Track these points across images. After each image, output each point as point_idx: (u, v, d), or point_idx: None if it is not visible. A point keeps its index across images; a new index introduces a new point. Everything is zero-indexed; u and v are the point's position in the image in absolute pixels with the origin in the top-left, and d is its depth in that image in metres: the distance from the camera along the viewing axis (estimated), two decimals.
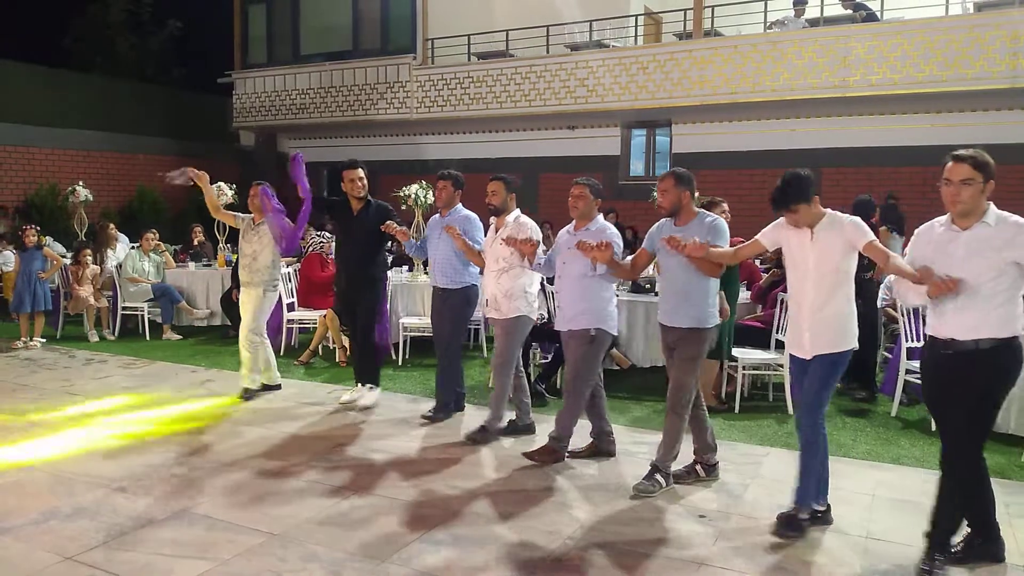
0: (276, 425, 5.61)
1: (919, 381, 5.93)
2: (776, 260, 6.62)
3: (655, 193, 7.93)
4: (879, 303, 6.78)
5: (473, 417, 5.67)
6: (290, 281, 8.34)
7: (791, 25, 11.57)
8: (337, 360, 7.76)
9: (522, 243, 4.84)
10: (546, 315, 6.71)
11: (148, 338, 9.11)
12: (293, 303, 8.27)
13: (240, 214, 6.57)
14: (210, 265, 9.96)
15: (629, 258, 4.72)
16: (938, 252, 3.28)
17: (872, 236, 3.61)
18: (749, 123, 12.44)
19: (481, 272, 5.56)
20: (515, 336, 5.24)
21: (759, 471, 4.68)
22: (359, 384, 6.15)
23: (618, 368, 6.77)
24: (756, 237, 3.99)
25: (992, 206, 3.24)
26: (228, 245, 10.21)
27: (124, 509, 4.01)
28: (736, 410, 5.99)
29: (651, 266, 7.36)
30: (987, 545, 3.44)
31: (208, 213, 6.77)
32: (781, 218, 3.80)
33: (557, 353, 6.35)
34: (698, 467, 4.51)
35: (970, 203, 3.18)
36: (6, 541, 3.64)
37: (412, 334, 7.88)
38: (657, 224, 4.48)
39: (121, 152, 15.39)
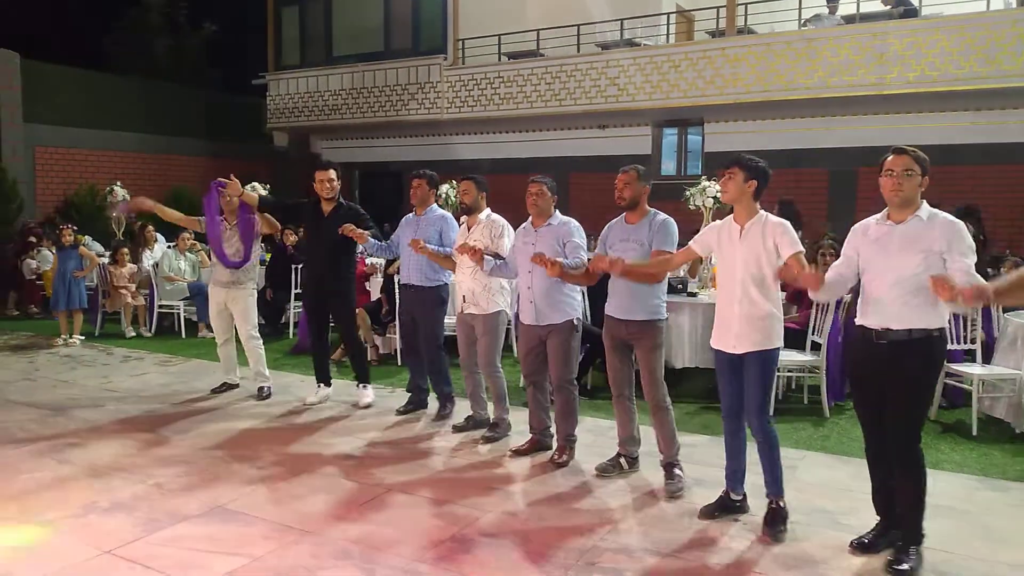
0: (309, 423, 5.66)
1: (958, 384, 5.87)
2: (814, 258, 6.53)
3: (687, 192, 7.94)
4: None
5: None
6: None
7: (826, 22, 11.39)
8: (368, 359, 7.79)
9: (469, 253, 4.94)
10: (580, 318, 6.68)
11: (184, 336, 9.25)
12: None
13: (202, 217, 6.50)
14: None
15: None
16: (874, 245, 3.43)
17: (798, 248, 3.67)
18: (783, 121, 12.27)
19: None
20: (497, 332, 5.28)
21: (795, 475, 4.61)
22: (320, 385, 6.24)
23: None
24: (690, 243, 4.12)
25: (925, 203, 3.40)
26: (263, 245, 10.32)
27: (160, 504, 4.07)
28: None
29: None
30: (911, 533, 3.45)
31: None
32: (713, 222, 4.02)
33: (587, 353, 6.33)
34: (621, 459, 4.62)
35: (909, 193, 3.34)
36: (47, 534, 3.71)
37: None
38: (608, 224, 4.57)
39: (157, 153, 15.65)
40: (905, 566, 3.35)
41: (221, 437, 5.29)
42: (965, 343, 5.87)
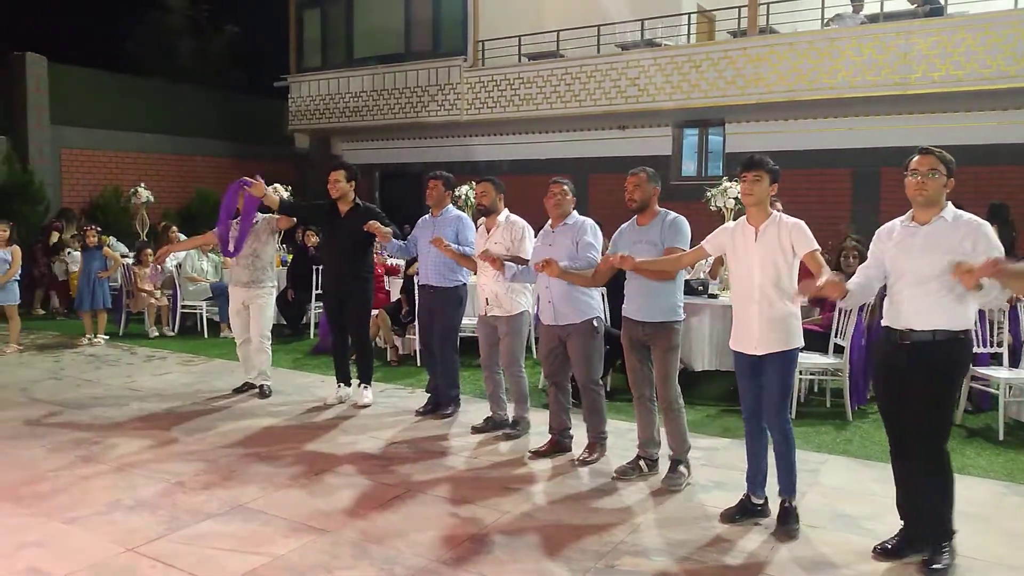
0: (329, 422, 5.69)
1: (985, 388, 5.79)
2: (837, 261, 6.47)
3: (707, 193, 7.89)
4: None
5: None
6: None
7: (849, 21, 11.28)
8: (388, 359, 7.83)
9: (490, 262, 4.96)
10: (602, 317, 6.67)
11: (206, 336, 9.34)
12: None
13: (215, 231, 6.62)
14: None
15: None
16: (899, 247, 3.42)
17: (814, 246, 3.69)
18: (806, 122, 12.16)
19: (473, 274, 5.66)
20: (521, 333, 5.33)
21: (817, 479, 4.57)
22: (340, 384, 6.28)
23: None
24: (701, 243, 4.12)
25: (951, 204, 3.39)
26: (283, 245, 10.41)
27: (182, 503, 4.11)
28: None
29: (704, 267, 7.31)
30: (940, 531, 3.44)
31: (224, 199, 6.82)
32: (725, 224, 4.04)
33: (607, 355, 6.29)
34: (641, 462, 4.59)
35: (933, 194, 3.33)
36: (73, 531, 3.76)
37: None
38: (620, 228, 4.58)
39: (180, 155, 15.80)
40: (940, 565, 3.35)
41: (242, 436, 5.33)
42: (992, 346, 5.79)
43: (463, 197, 9.00)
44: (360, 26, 15.86)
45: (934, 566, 3.36)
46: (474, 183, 9.04)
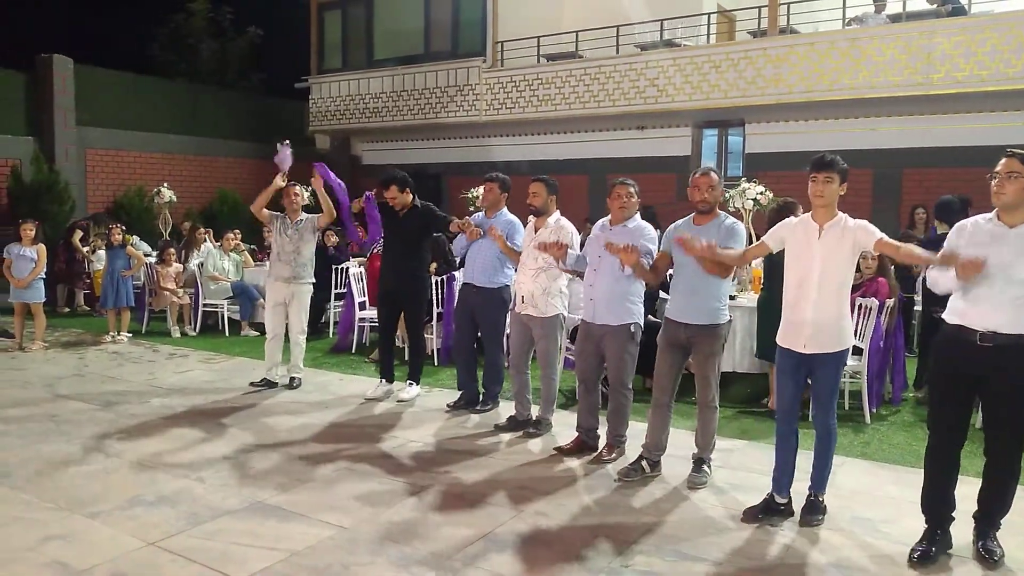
0: (348, 421, 5.74)
1: None
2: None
3: (727, 194, 7.85)
4: None
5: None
6: (361, 281, 8.51)
7: (871, 21, 11.19)
8: (405, 358, 7.86)
9: (551, 246, 4.85)
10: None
11: (227, 334, 9.43)
12: (364, 302, 8.44)
13: (274, 212, 6.86)
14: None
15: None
16: (985, 246, 3.34)
17: (880, 234, 3.69)
18: (827, 122, 12.07)
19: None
20: (554, 335, 5.35)
21: (834, 481, 4.50)
22: (383, 380, 6.44)
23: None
24: (763, 239, 4.09)
25: None
26: None
27: (202, 499, 4.17)
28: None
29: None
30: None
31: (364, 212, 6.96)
32: (787, 219, 4.01)
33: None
34: (643, 462, 4.58)
35: (1013, 197, 3.30)
36: (95, 525, 3.83)
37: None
38: (674, 224, 4.54)
39: (203, 155, 15.99)
40: (998, 553, 3.45)
41: (262, 433, 5.39)
42: None
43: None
44: (380, 28, 15.96)
45: (993, 557, 3.44)
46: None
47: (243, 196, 15.39)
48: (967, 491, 4.32)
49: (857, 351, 5.94)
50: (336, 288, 9.31)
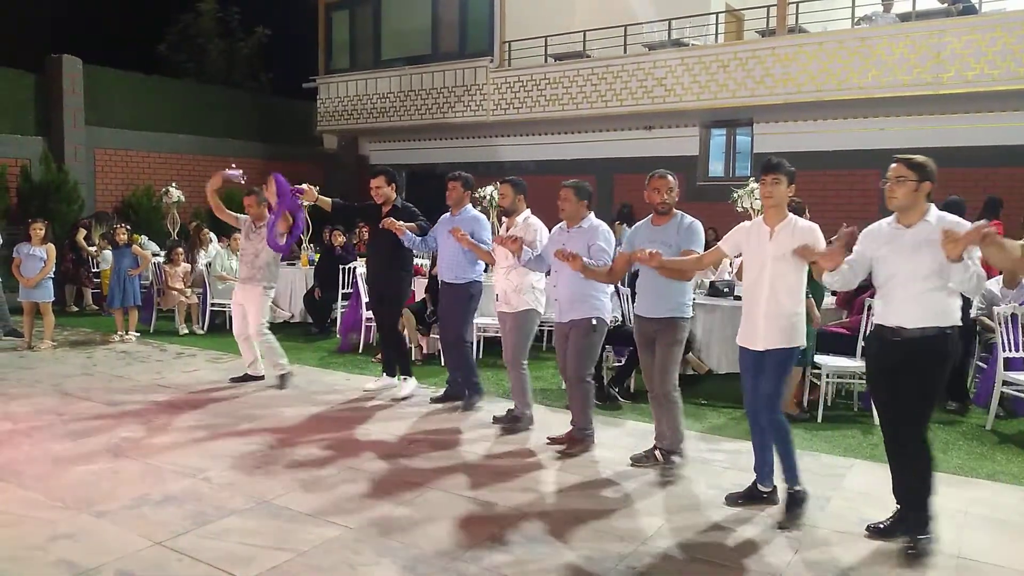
0: (352, 421, 5.74)
1: (1018, 393, 5.68)
2: None
3: (735, 194, 7.84)
4: (973, 311, 6.46)
5: (543, 416, 5.67)
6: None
7: (880, 20, 11.12)
8: (413, 359, 7.87)
9: (505, 241, 5.10)
10: (620, 317, 6.66)
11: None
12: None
13: (241, 216, 6.94)
14: (294, 264, 10.26)
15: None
16: (887, 246, 3.57)
17: (823, 243, 3.78)
18: (835, 122, 12.01)
19: (487, 270, 5.90)
20: (525, 329, 5.48)
21: (842, 483, 4.51)
22: (384, 375, 6.58)
23: (694, 373, 6.65)
24: (719, 243, 4.23)
25: (933, 207, 3.54)
26: (312, 245, 10.51)
27: (209, 498, 4.17)
28: (819, 419, 5.80)
29: (729, 269, 7.25)
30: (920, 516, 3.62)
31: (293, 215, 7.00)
32: (741, 223, 4.14)
33: (631, 356, 6.30)
34: (657, 452, 4.71)
35: (903, 200, 3.51)
36: (103, 524, 3.83)
37: (486, 334, 7.92)
38: (635, 225, 4.70)
39: (211, 155, 16.01)
40: (919, 550, 3.51)
41: (269, 433, 5.39)
42: (1018, 350, 5.68)
43: (487, 198, 9.04)
44: (388, 28, 15.97)
45: (912, 550, 3.51)
46: (499, 183, 9.11)
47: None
48: (973, 494, 4.30)
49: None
50: (343, 287, 9.31)
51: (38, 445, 5.05)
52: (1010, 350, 5.61)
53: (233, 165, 6.87)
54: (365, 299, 8.35)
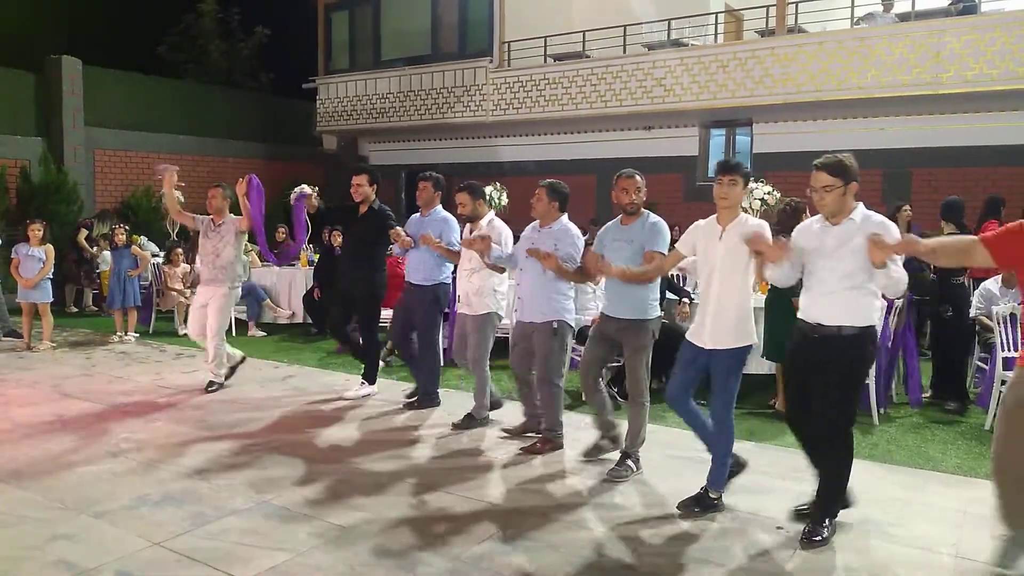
0: (351, 421, 5.74)
1: None
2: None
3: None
4: (972, 311, 6.47)
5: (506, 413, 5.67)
6: None
7: (880, 20, 11.13)
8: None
9: (474, 240, 5.18)
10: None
11: (234, 334, 9.45)
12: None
13: (198, 216, 6.84)
14: (294, 265, 10.26)
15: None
16: (813, 244, 3.64)
17: (769, 239, 3.80)
18: (835, 122, 12.02)
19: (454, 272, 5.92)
20: (486, 331, 5.51)
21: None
22: (364, 382, 6.48)
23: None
24: (676, 245, 4.29)
25: (860, 205, 3.60)
26: (311, 245, 10.50)
27: (207, 498, 4.17)
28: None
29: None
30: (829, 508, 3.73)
31: (292, 214, 7.00)
32: (696, 222, 4.17)
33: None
34: (603, 442, 4.82)
35: (834, 206, 3.56)
36: (102, 525, 3.83)
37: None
38: (605, 226, 4.75)
39: (212, 156, 16.01)
40: (819, 537, 3.60)
41: (268, 434, 5.40)
42: (1017, 350, 5.67)
43: (488, 197, 9.04)
44: (387, 28, 15.97)
45: (814, 537, 3.59)
46: (498, 184, 9.12)
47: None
48: (972, 493, 4.29)
49: None
50: None
51: (37, 445, 5.05)
52: (1009, 350, 5.61)
53: (163, 164, 6.77)
54: None
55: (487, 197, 5.22)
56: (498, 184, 9.22)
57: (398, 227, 5.95)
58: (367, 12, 16.12)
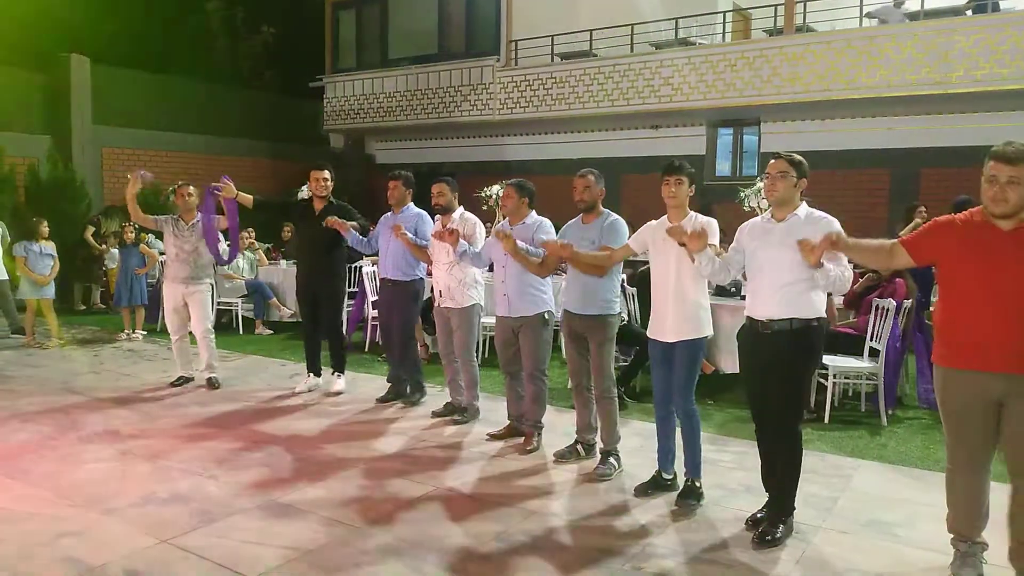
0: (356, 419, 5.75)
1: None
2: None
3: (741, 194, 7.80)
4: None
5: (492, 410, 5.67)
6: (374, 279, 8.50)
7: (889, 19, 11.08)
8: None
9: (443, 233, 5.24)
10: (626, 316, 6.64)
11: (241, 332, 9.48)
12: (376, 300, 8.43)
13: (159, 216, 6.91)
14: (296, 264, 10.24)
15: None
16: (758, 240, 3.72)
17: (716, 237, 3.93)
18: (843, 121, 11.97)
19: (428, 270, 5.94)
20: (472, 324, 5.59)
21: (849, 484, 4.49)
22: (311, 375, 6.57)
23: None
24: (627, 241, 4.44)
25: (805, 203, 3.69)
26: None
27: (215, 496, 4.18)
28: (826, 420, 5.77)
29: (738, 269, 7.22)
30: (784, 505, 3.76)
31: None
32: (648, 223, 4.28)
33: (637, 356, 6.28)
34: (579, 446, 4.88)
35: (783, 194, 3.62)
36: (109, 522, 3.84)
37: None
38: (567, 224, 4.83)
39: (218, 154, 16.04)
40: (772, 536, 3.64)
41: (275, 431, 5.40)
42: None
43: (494, 196, 9.03)
44: (394, 27, 15.97)
45: (767, 537, 3.63)
46: (504, 183, 9.08)
47: (258, 194, 15.45)
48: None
49: (873, 353, 5.89)
50: (349, 286, 9.30)
51: (45, 442, 5.07)
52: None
53: (143, 172, 6.75)
54: (373, 296, 8.37)
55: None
56: (504, 183, 9.19)
57: (342, 217, 6.03)
58: (374, 11, 16.12)
